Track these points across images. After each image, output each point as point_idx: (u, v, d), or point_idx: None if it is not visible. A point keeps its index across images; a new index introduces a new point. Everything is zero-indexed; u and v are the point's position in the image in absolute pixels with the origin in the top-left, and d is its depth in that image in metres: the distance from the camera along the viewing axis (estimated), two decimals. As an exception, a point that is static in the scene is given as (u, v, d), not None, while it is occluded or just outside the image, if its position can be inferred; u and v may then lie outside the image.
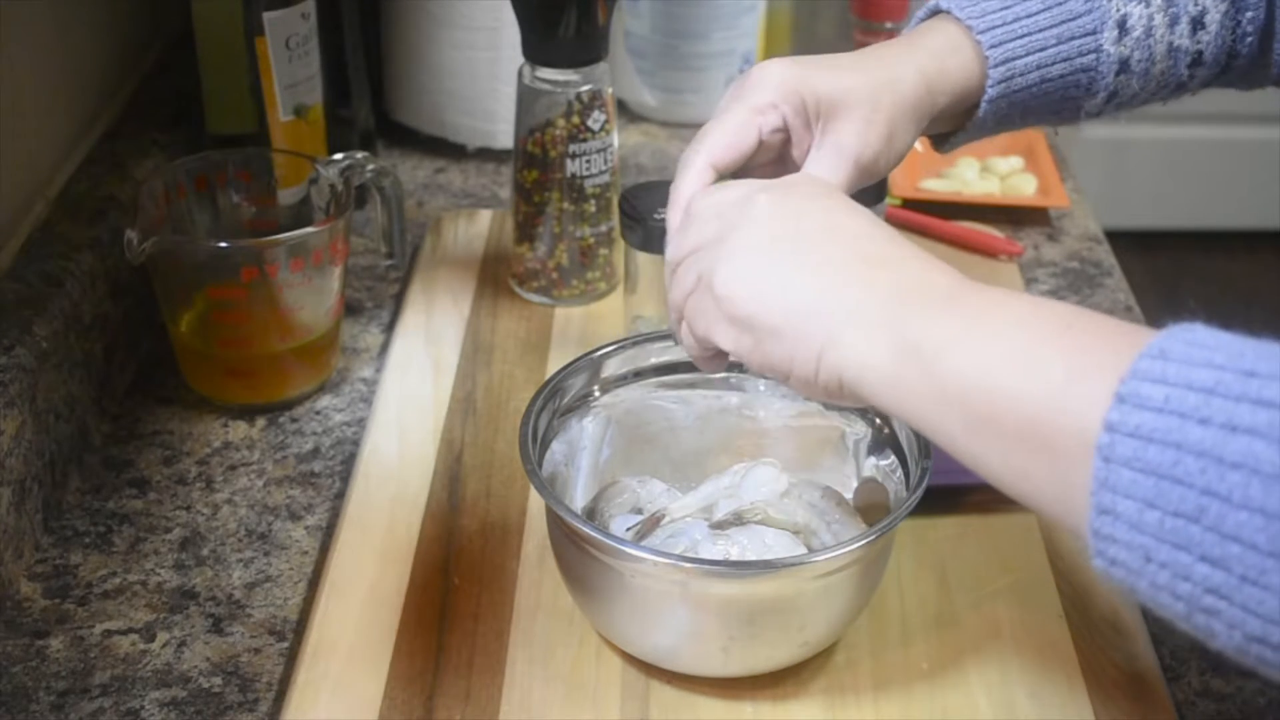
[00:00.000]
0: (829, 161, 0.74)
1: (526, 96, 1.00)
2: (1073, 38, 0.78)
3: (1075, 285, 1.11)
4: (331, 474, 0.91)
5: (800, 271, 0.63)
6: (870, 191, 0.83)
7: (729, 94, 0.75)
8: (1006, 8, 0.77)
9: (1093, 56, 0.78)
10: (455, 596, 0.81)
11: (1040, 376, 0.54)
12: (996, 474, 0.57)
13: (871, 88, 0.74)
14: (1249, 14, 0.79)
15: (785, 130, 0.74)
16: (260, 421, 0.95)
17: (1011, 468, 0.56)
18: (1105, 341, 0.53)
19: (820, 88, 0.74)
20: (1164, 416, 0.49)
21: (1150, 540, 0.49)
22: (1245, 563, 0.47)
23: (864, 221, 0.65)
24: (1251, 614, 0.48)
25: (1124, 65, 0.78)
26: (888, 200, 1.03)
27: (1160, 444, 0.49)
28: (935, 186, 1.20)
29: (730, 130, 0.73)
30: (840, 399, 0.63)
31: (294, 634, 0.79)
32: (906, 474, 0.77)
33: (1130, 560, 0.50)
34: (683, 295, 0.68)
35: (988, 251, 1.13)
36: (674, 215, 0.72)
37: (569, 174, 1.01)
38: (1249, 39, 0.80)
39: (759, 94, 0.74)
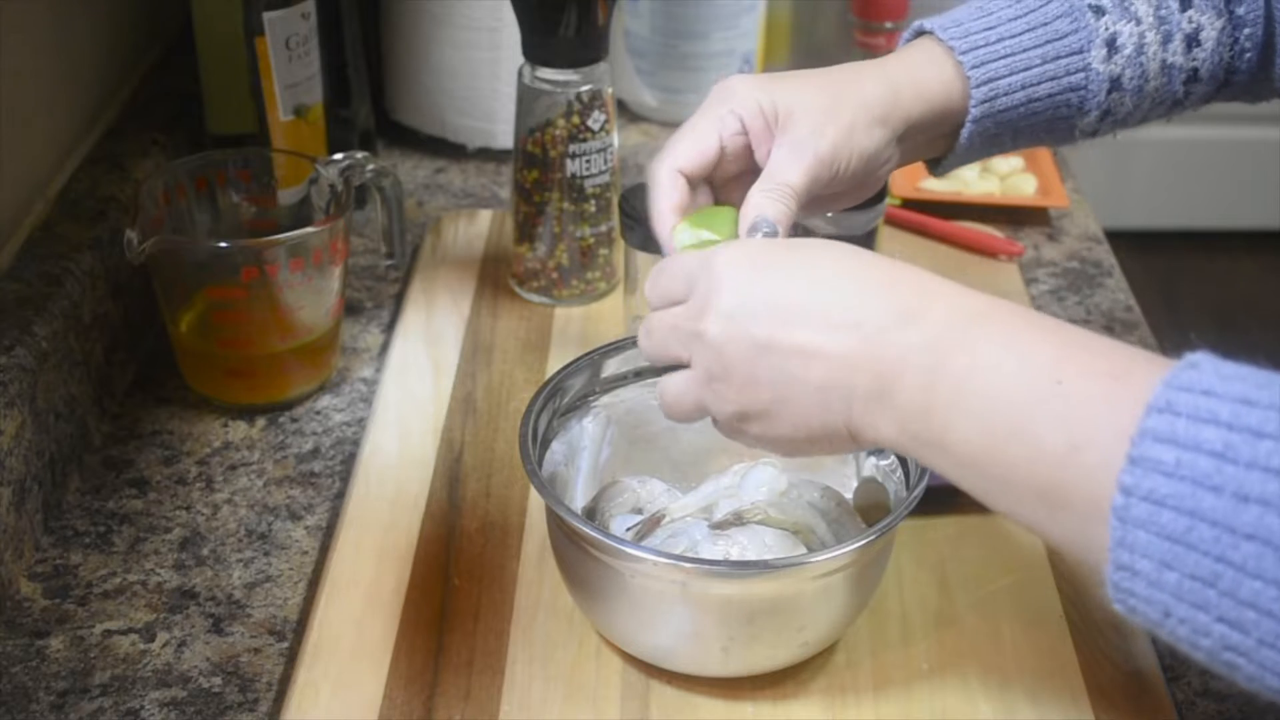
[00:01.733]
0: (788, 156, 0.74)
1: (526, 96, 1.00)
2: (1059, 57, 0.78)
3: (1075, 285, 1.11)
4: (331, 474, 0.91)
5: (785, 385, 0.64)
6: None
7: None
8: (990, 29, 0.77)
9: (1081, 75, 0.78)
10: (455, 596, 0.81)
11: (1041, 450, 0.55)
12: (1025, 525, 0.58)
13: (830, 91, 0.76)
14: (1246, 30, 0.79)
15: (745, 134, 0.76)
16: (260, 421, 0.95)
17: (1035, 522, 0.57)
18: (1101, 395, 0.54)
19: (777, 93, 0.75)
20: (1176, 482, 0.49)
21: (1169, 598, 0.50)
22: (1262, 628, 0.48)
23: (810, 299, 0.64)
24: (1269, 672, 0.49)
25: (1115, 83, 0.78)
26: (888, 200, 1.03)
27: (1174, 510, 0.49)
28: (935, 186, 1.20)
29: (692, 138, 0.75)
30: None
31: (294, 634, 0.79)
32: (906, 474, 0.77)
33: (1150, 612, 0.52)
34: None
35: (988, 251, 1.13)
36: (660, 227, 0.74)
37: (569, 174, 1.01)
38: (1248, 55, 0.80)
39: (719, 104, 0.76)
